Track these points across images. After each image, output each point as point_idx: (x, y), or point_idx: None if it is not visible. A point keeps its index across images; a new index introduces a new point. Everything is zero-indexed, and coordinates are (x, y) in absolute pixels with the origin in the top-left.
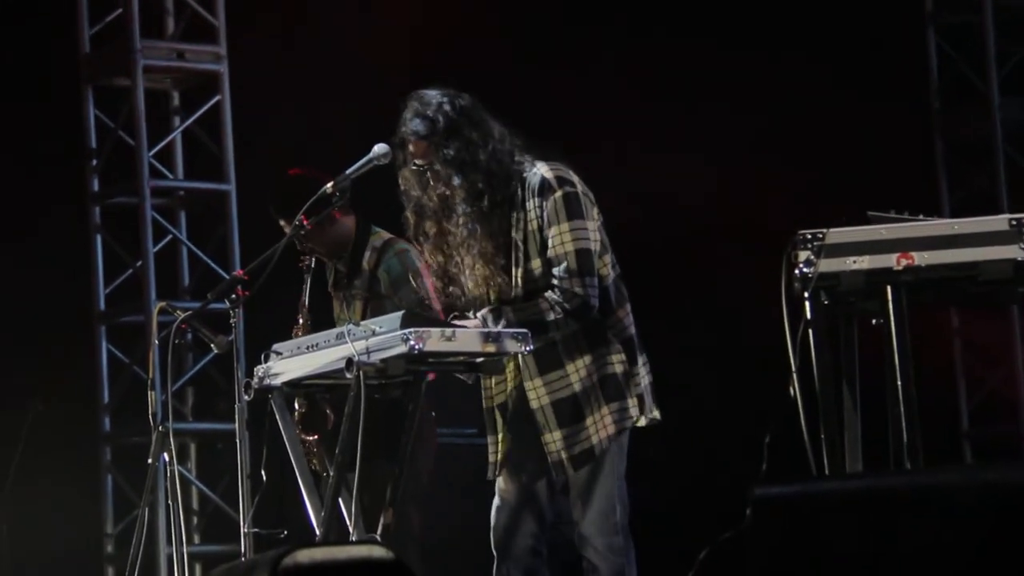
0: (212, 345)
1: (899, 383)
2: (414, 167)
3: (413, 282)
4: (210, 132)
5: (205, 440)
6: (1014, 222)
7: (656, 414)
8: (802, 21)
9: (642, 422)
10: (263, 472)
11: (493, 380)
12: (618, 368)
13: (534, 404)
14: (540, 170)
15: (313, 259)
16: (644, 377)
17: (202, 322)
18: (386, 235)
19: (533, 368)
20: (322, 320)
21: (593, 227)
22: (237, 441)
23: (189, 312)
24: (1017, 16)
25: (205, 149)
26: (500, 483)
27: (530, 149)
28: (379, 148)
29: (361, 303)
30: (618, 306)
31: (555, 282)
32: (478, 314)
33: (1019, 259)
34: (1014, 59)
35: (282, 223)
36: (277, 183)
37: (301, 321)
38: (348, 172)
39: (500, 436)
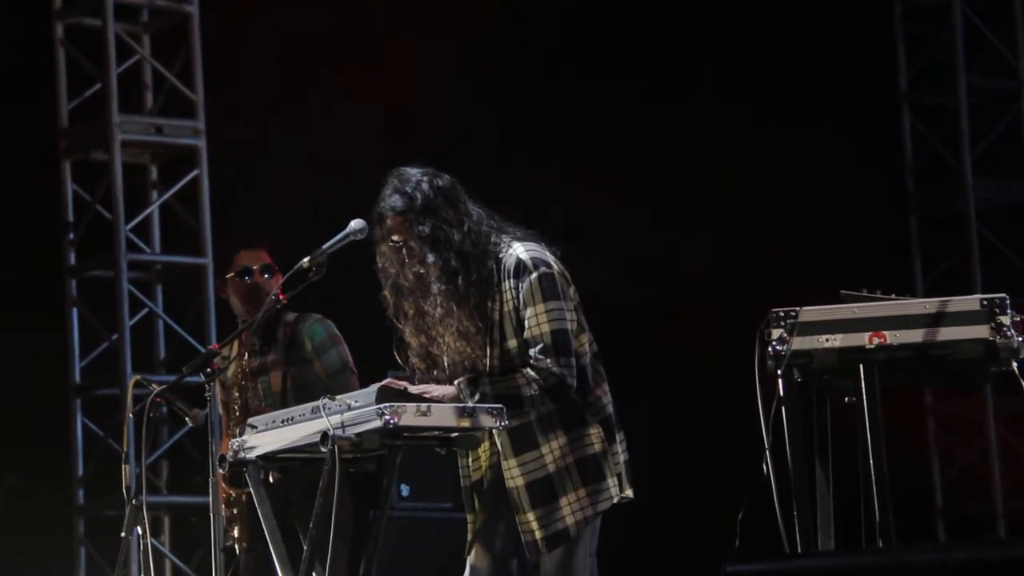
0: (187, 419)
1: (871, 461)
2: (391, 243)
3: (337, 348)
4: (188, 206)
5: (179, 513)
6: (985, 302)
7: (629, 493)
8: (779, 98)
9: (614, 500)
10: (235, 545)
11: (470, 459)
12: (597, 447)
13: (509, 484)
14: (516, 251)
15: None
16: (621, 455)
17: (177, 395)
18: (295, 312)
19: (508, 448)
20: None
21: (569, 307)
22: (211, 515)
23: (164, 386)
24: (990, 97)
25: (182, 223)
26: (471, 559)
27: (507, 229)
28: (355, 223)
29: (279, 375)
30: (595, 385)
31: (532, 361)
32: (455, 381)
33: (990, 339)
34: (987, 139)
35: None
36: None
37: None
38: (324, 247)
39: (476, 514)
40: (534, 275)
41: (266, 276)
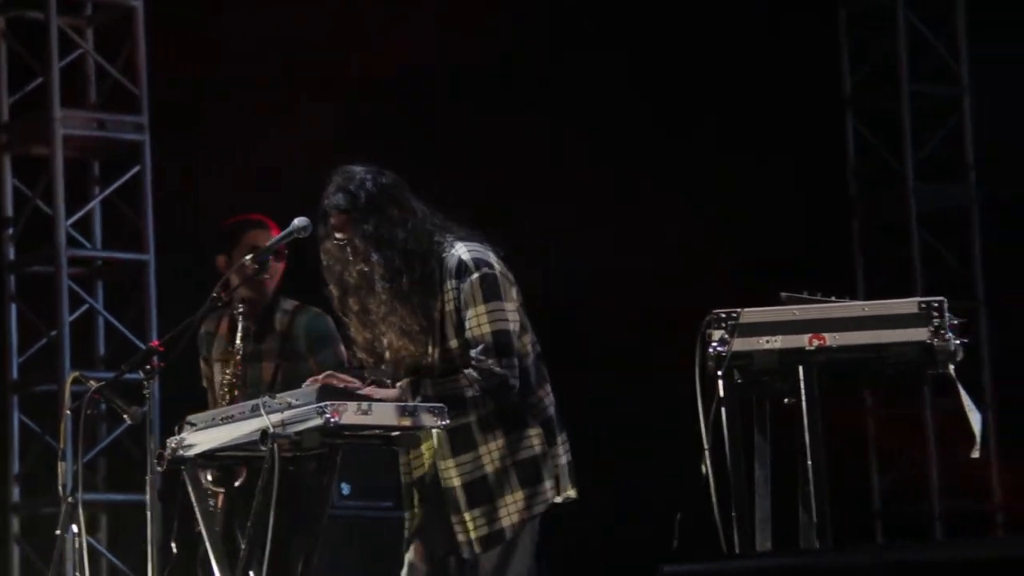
0: (125, 416)
1: (810, 462)
2: (335, 241)
3: (333, 347)
4: (130, 202)
5: (116, 511)
6: (923, 305)
7: (572, 492)
8: (722, 102)
9: (558, 500)
10: (173, 544)
11: (411, 455)
12: (537, 449)
13: (445, 484)
14: (458, 251)
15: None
16: (563, 456)
17: (116, 393)
18: (294, 301)
19: (447, 448)
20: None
21: (512, 308)
22: (147, 512)
23: (103, 383)
24: (933, 102)
25: (124, 219)
26: (409, 556)
27: (451, 228)
28: (299, 221)
29: (271, 366)
30: (538, 386)
31: (474, 362)
32: (397, 384)
33: (928, 341)
34: (930, 144)
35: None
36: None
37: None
38: (267, 245)
39: (415, 511)
40: (475, 275)
41: (272, 259)
